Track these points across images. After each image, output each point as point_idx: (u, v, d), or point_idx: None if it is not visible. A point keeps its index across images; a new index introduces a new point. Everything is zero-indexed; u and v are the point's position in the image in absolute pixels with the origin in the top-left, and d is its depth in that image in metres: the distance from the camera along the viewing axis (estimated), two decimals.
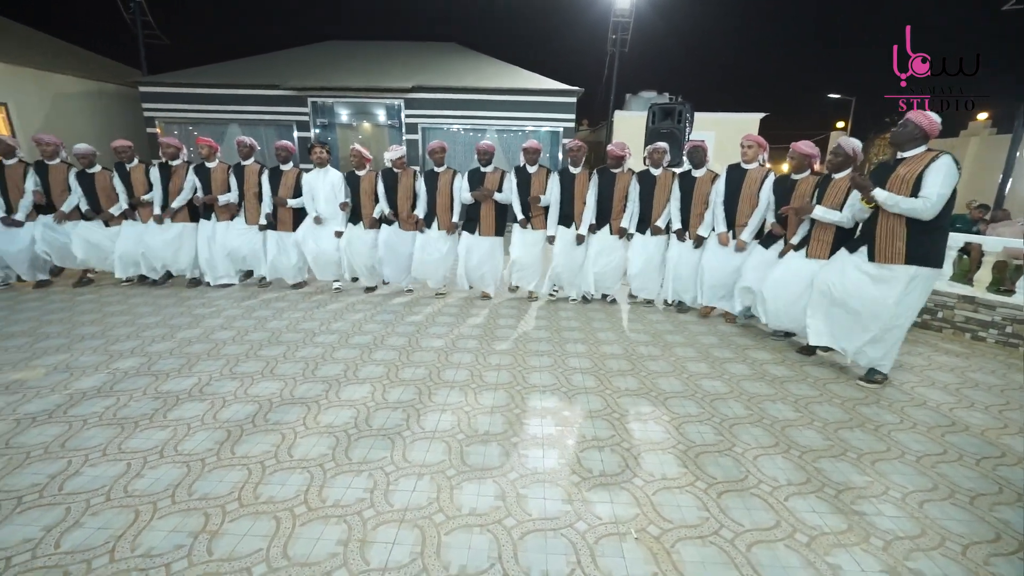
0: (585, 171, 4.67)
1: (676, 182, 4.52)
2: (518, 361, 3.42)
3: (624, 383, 3.11)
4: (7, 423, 2.49)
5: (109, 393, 2.83)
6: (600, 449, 2.35)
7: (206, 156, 4.86)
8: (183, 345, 3.57)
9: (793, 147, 3.82)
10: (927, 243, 2.89)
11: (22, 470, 2.11)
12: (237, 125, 10.46)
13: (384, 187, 4.81)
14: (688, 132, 5.43)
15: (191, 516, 1.85)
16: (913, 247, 2.90)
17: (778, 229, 3.90)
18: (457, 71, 11.37)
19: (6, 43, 9.48)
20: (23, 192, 4.74)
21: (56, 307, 4.43)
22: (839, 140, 3.50)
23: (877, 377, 3.14)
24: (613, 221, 4.67)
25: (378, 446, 2.33)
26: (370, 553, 1.69)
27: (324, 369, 3.21)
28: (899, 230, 2.93)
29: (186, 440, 2.37)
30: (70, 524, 1.80)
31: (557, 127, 10.61)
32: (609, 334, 4.05)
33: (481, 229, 4.80)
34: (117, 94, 10.96)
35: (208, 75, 10.70)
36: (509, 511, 1.91)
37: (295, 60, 11.80)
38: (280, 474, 2.11)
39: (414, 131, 10.46)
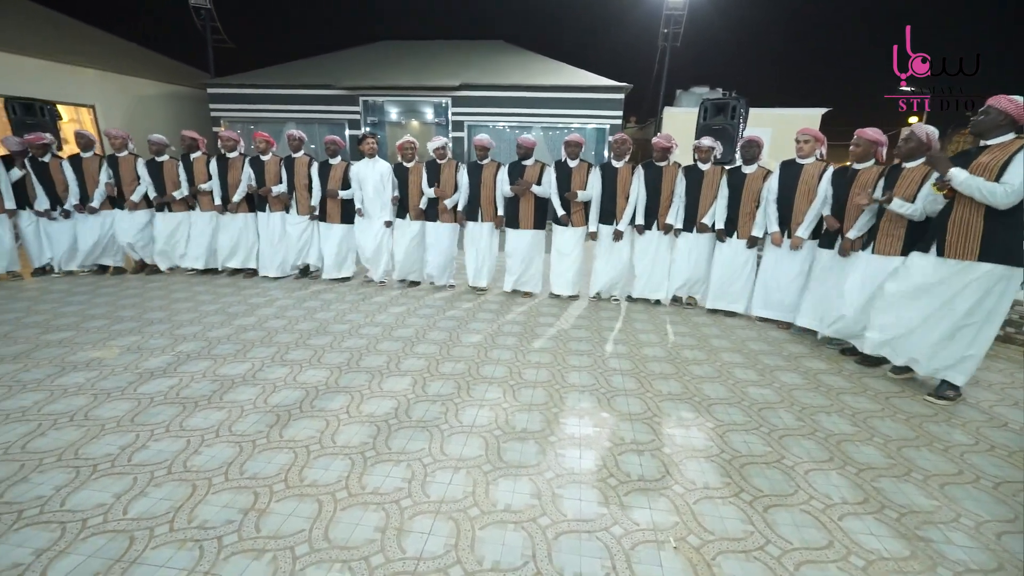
0: (628, 165, 4.57)
1: (725, 178, 4.34)
2: (557, 360, 3.40)
3: (666, 386, 3.02)
4: (86, 397, 2.72)
5: (173, 374, 3.03)
6: (639, 453, 2.29)
7: (262, 150, 5.11)
8: (239, 332, 3.78)
9: (858, 133, 3.55)
10: (1005, 238, 2.63)
11: (98, 440, 2.30)
12: (294, 123, 10.96)
13: (427, 177, 4.90)
14: (742, 129, 5.20)
15: (241, 494, 1.96)
16: (989, 242, 2.65)
17: (832, 222, 3.65)
18: (504, 69, 11.41)
19: (95, 51, 10.36)
20: (98, 183, 5.16)
21: (130, 292, 4.80)
22: (912, 126, 3.22)
23: (948, 393, 2.89)
24: (660, 217, 4.54)
25: (417, 437, 2.38)
26: (406, 542, 1.72)
27: (367, 360, 3.30)
28: (974, 222, 2.69)
29: (239, 422, 2.50)
30: (136, 493, 1.94)
31: (604, 124, 10.44)
32: (651, 336, 3.95)
33: (521, 223, 4.81)
34: (188, 95, 11.74)
35: (268, 76, 11.27)
36: (544, 510, 1.89)
37: (348, 61, 12.22)
38: (324, 459, 2.19)
39: (460, 128, 10.59)
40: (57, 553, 1.64)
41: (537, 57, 12.37)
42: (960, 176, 2.65)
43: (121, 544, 1.69)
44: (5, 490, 1.94)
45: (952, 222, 2.77)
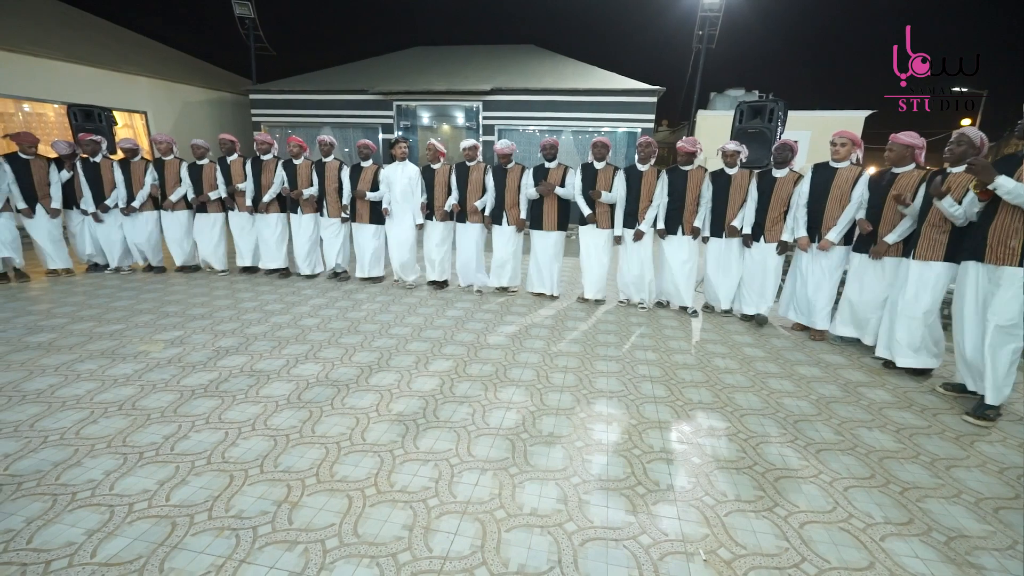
0: (654, 169, 4.52)
1: (754, 182, 4.23)
2: (585, 365, 3.37)
3: (697, 395, 2.95)
4: (134, 387, 2.86)
5: (213, 368, 3.16)
6: (668, 462, 2.25)
7: (295, 154, 5.28)
8: (275, 329, 3.90)
9: (893, 138, 3.41)
10: None
11: (144, 429, 2.42)
12: (329, 127, 11.28)
13: (456, 179, 4.97)
14: (780, 131, 5.05)
15: (275, 486, 2.02)
16: None
17: (865, 224, 3.51)
18: (535, 73, 11.44)
19: (148, 60, 10.95)
20: (144, 185, 5.43)
21: (175, 289, 5.03)
22: (963, 129, 3.07)
23: (988, 412, 2.72)
24: (686, 222, 4.46)
25: (444, 438, 2.40)
26: (433, 540, 1.74)
27: (397, 359, 3.36)
28: (1017, 227, 2.57)
29: (274, 416, 2.58)
30: (178, 481, 2.03)
31: (635, 128, 10.33)
32: (682, 343, 3.87)
33: (544, 225, 4.83)
34: (231, 101, 12.25)
35: (306, 82, 11.64)
36: (570, 516, 1.88)
37: (383, 66, 12.50)
38: (354, 455, 2.24)
39: (491, 132, 10.67)
40: (106, 535, 1.73)
41: (568, 61, 12.36)
42: (1008, 184, 2.53)
43: (164, 529, 1.76)
44: (61, 473, 2.06)
45: (993, 227, 2.68)
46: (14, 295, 4.71)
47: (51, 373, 3.02)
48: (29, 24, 9.06)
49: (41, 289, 4.95)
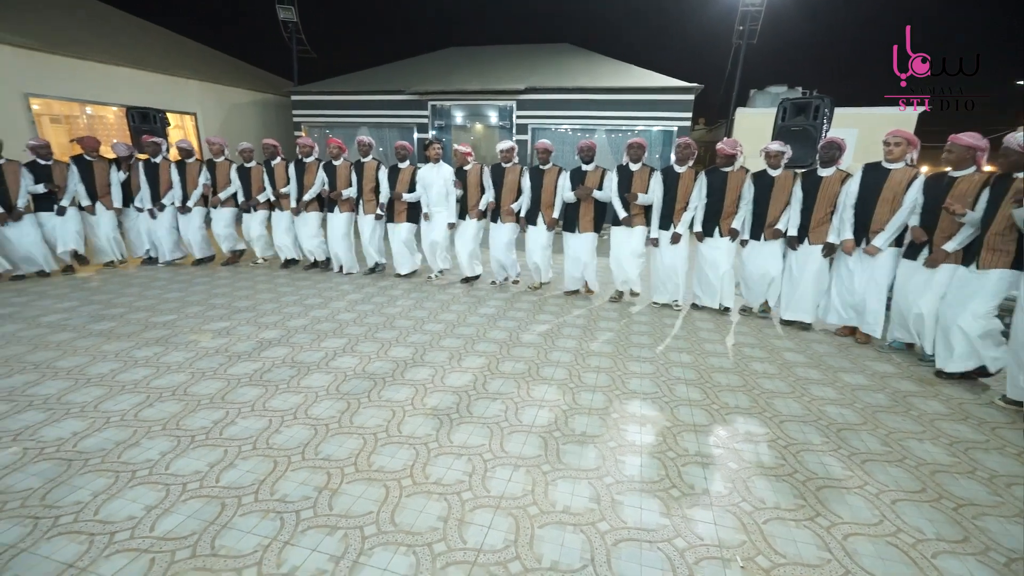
0: (691, 170, 4.42)
1: (798, 183, 4.08)
2: (617, 365, 3.34)
3: (733, 399, 2.89)
4: (185, 375, 3.02)
5: (257, 359, 3.30)
6: (704, 466, 2.21)
7: (335, 155, 5.44)
8: (314, 323, 4.04)
9: (952, 139, 3.22)
10: None
11: (195, 414, 2.55)
12: (366, 127, 11.54)
13: (492, 180, 5.02)
14: (825, 130, 4.85)
15: (316, 473, 2.09)
16: None
17: (920, 234, 3.33)
18: (569, 71, 11.38)
19: (198, 64, 11.49)
20: (198, 184, 5.72)
21: (221, 282, 5.27)
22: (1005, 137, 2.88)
23: None
24: (723, 222, 4.35)
25: (478, 433, 2.43)
26: (467, 533, 1.77)
27: (431, 355, 3.42)
28: None
29: (314, 406, 2.67)
30: (226, 464, 2.14)
31: (671, 126, 10.13)
32: (718, 346, 3.78)
33: (580, 227, 4.80)
34: (274, 102, 12.70)
35: (344, 83, 11.95)
36: (603, 515, 1.88)
37: (418, 67, 12.69)
38: (390, 447, 2.30)
39: (524, 131, 10.68)
40: (163, 511, 1.84)
41: (603, 59, 12.23)
42: None
43: (214, 509, 1.86)
44: (122, 452, 2.21)
45: None
46: (79, 285, 5.03)
47: (111, 359, 3.22)
48: (93, 32, 9.66)
49: (101, 280, 5.28)
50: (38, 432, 2.35)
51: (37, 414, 2.52)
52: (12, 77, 7.37)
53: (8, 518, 1.79)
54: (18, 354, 3.27)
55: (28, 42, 7.54)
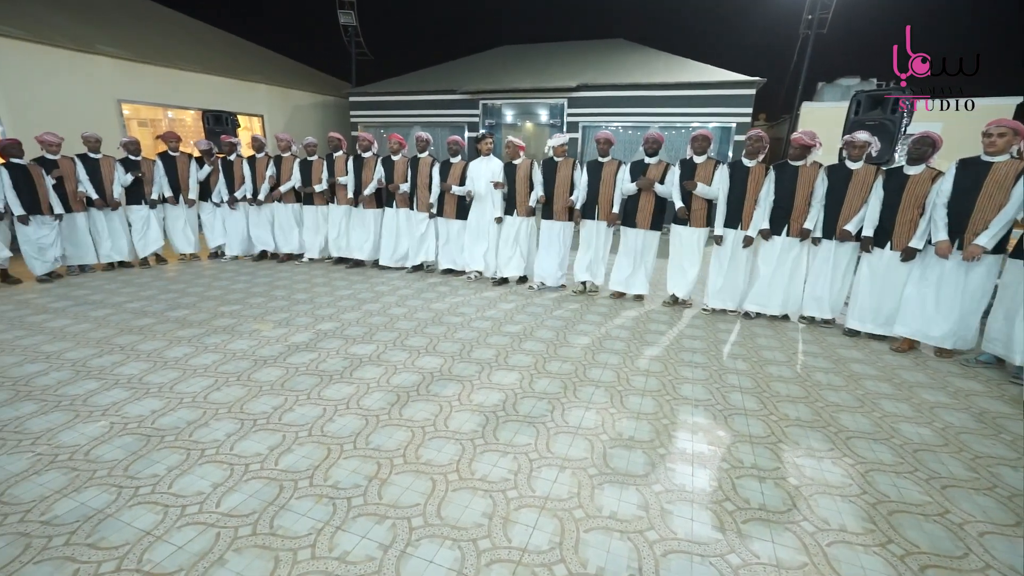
0: (762, 165, 4.18)
1: (879, 180, 3.77)
2: (668, 370, 3.24)
3: (794, 411, 2.72)
4: (248, 362, 3.21)
5: (313, 349, 3.45)
6: (761, 480, 2.09)
7: (395, 150, 5.59)
8: (367, 316, 4.18)
9: None
10: None
11: (257, 400, 2.70)
12: (419, 126, 11.82)
13: (543, 175, 4.97)
14: (906, 124, 4.47)
15: (367, 462, 2.16)
16: None
17: None
18: (623, 67, 11.14)
19: (265, 68, 12.18)
20: (264, 179, 6.05)
21: (282, 276, 5.56)
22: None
23: None
24: (793, 222, 4.10)
25: (523, 432, 2.43)
26: (512, 531, 1.76)
27: (478, 352, 3.45)
28: None
29: (366, 397, 2.76)
30: (284, 449, 2.25)
31: (729, 122, 9.69)
32: (777, 354, 3.58)
33: (638, 222, 4.66)
34: (333, 103, 13.26)
35: (399, 84, 12.29)
36: (652, 524, 1.82)
37: (470, 66, 12.84)
38: (437, 441, 2.34)
39: (575, 129, 10.57)
40: (227, 489, 1.96)
41: (658, 54, 11.88)
42: None
43: (273, 490, 1.96)
44: (193, 431, 2.37)
45: None
46: (158, 275, 5.47)
47: (185, 344, 3.48)
48: (175, 42, 10.45)
49: (177, 271, 5.70)
50: (122, 409, 2.57)
51: (122, 392, 2.75)
52: (108, 85, 8.11)
53: (98, 485, 1.97)
54: (108, 336, 3.59)
55: (122, 53, 8.26)
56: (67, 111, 7.44)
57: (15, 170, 4.72)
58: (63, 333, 3.64)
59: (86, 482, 1.99)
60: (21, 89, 7.02)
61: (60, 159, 5.11)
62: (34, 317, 3.98)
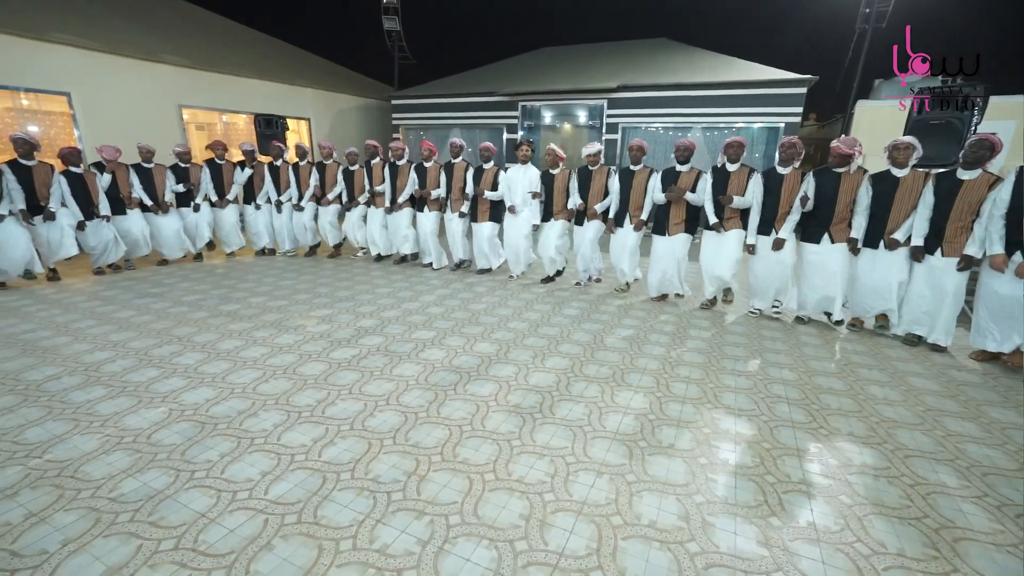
0: (797, 172, 4.03)
1: (930, 186, 3.55)
2: (710, 377, 3.14)
3: (846, 425, 2.59)
4: (294, 355, 3.33)
5: (355, 345, 3.54)
6: (810, 496, 2.00)
7: (425, 157, 5.69)
8: (406, 314, 4.26)
9: None
10: None
11: (302, 392, 2.80)
12: (458, 128, 11.97)
13: (578, 183, 4.96)
14: (976, 122, 4.16)
15: (406, 458, 2.20)
16: None
17: None
18: (665, 67, 10.91)
19: (312, 73, 12.64)
20: (309, 185, 6.29)
21: (325, 273, 5.75)
22: None
23: None
24: (834, 229, 3.91)
25: (560, 435, 2.41)
26: (548, 534, 1.76)
27: (515, 353, 3.45)
28: None
29: (405, 394, 2.82)
30: (327, 442, 2.32)
31: (777, 123, 9.31)
32: (827, 364, 3.41)
33: (669, 229, 4.58)
34: (376, 107, 13.61)
35: (440, 87, 12.48)
36: (692, 535, 1.77)
37: (510, 68, 12.90)
38: (474, 440, 2.35)
39: (614, 131, 10.43)
40: (275, 478, 2.04)
41: (702, 52, 11.56)
42: None
43: (317, 481, 2.03)
44: (243, 420, 2.48)
45: None
46: (211, 271, 5.77)
47: (236, 337, 3.65)
48: (230, 49, 11.00)
49: (226, 268, 6.00)
50: (180, 396, 2.73)
51: (179, 380, 2.92)
52: (169, 91, 8.62)
53: (158, 467, 2.09)
54: (167, 327, 3.81)
55: (182, 61, 8.77)
56: (133, 116, 7.96)
57: (72, 178, 5.06)
58: (128, 324, 3.89)
59: (148, 464, 2.11)
60: (95, 96, 7.56)
61: (116, 166, 5.44)
62: (103, 308, 4.27)
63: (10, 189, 4.64)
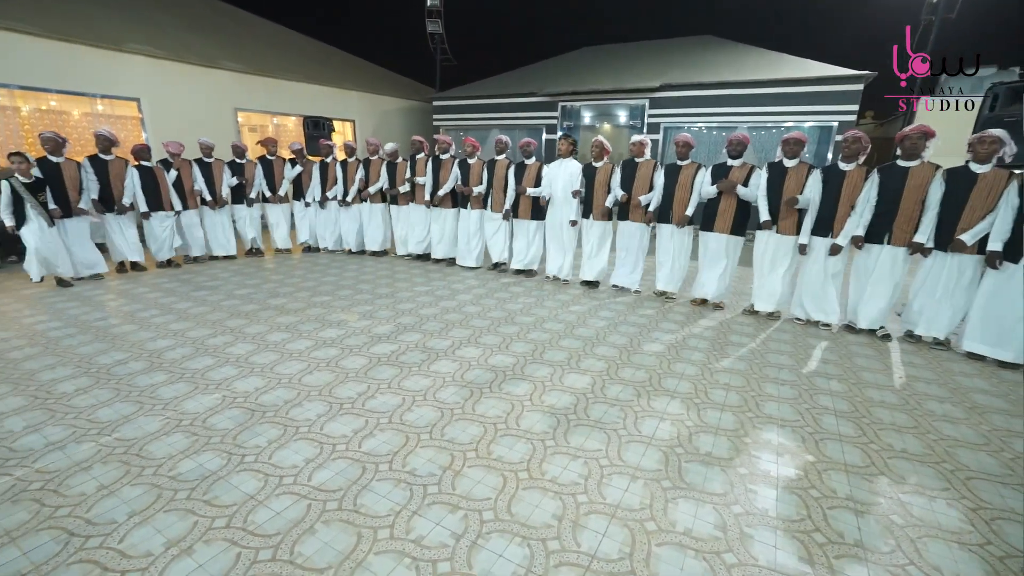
0: (861, 169, 3.80)
1: (1014, 186, 3.28)
2: (751, 385, 3.04)
3: (900, 441, 2.45)
4: (336, 349, 3.46)
5: (394, 341, 3.64)
6: (858, 514, 1.91)
7: (469, 153, 5.76)
8: (443, 312, 4.34)
9: None
10: None
11: (343, 385, 2.91)
12: (498, 129, 12.05)
13: (621, 176, 4.87)
14: None
15: (442, 453, 2.25)
16: None
17: None
18: (710, 65, 10.61)
19: (357, 76, 13.06)
20: (355, 182, 6.50)
21: (367, 270, 5.93)
22: None
23: None
24: (897, 229, 3.68)
25: (594, 437, 2.40)
26: (581, 536, 1.76)
27: (550, 354, 3.46)
28: None
29: (441, 390, 2.87)
30: (367, 433, 2.40)
31: (829, 121, 8.88)
32: (879, 376, 3.24)
33: (716, 226, 4.42)
34: (418, 108, 13.91)
35: (481, 88, 12.61)
36: (730, 546, 1.73)
37: (551, 68, 12.88)
38: (508, 439, 2.38)
39: (656, 131, 10.23)
40: (317, 465, 2.13)
41: (749, 49, 11.16)
42: None
43: (357, 470, 2.10)
44: (289, 409, 2.60)
45: None
46: (261, 266, 6.06)
47: (283, 330, 3.82)
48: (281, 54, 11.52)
49: (275, 264, 6.28)
50: (232, 384, 2.89)
51: (231, 369, 3.09)
52: (226, 95, 9.12)
53: (212, 450, 2.23)
54: (220, 319, 4.04)
55: (238, 67, 9.26)
56: (193, 119, 8.47)
57: (143, 172, 5.47)
58: (186, 314, 4.14)
59: (203, 446, 2.25)
60: (161, 101, 8.09)
61: (180, 161, 5.84)
62: (165, 299, 4.57)
63: (88, 181, 5.06)
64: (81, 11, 7.81)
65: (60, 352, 3.31)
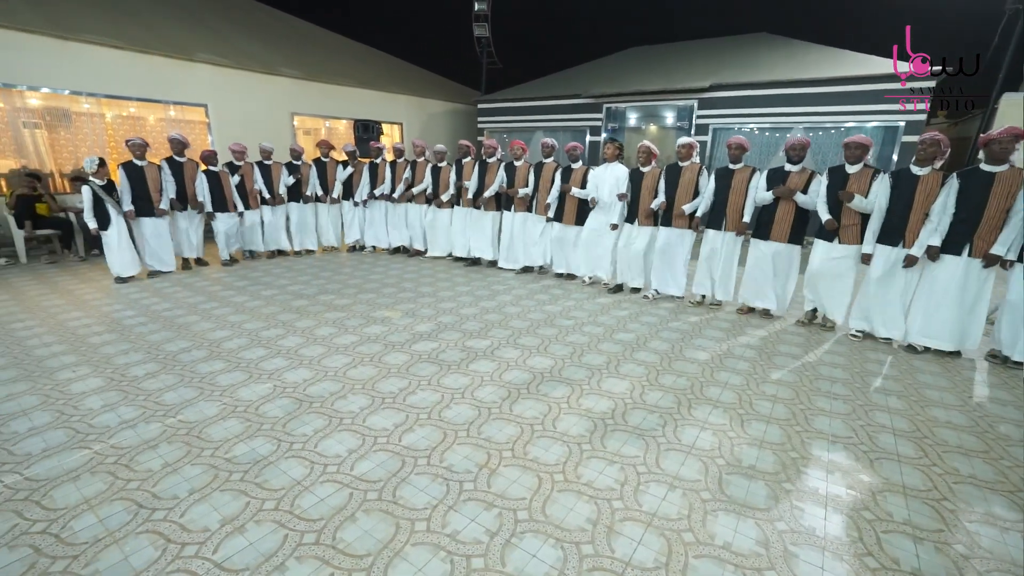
0: (937, 173, 3.54)
1: None
2: (800, 398, 2.91)
3: (967, 466, 2.27)
4: (379, 345, 3.57)
5: (434, 339, 3.72)
6: (917, 541, 1.79)
7: (516, 156, 5.80)
8: (483, 312, 4.39)
9: None
10: None
11: (385, 380, 3.01)
12: (542, 131, 12.07)
13: (665, 181, 4.77)
14: None
15: (478, 451, 2.28)
16: None
17: None
18: (763, 63, 10.19)
19: (404, 80, 13.44)
20: (402, 181, 6.69)
21: (410, 270, 6.09)
22: None
23: None
24: (978, 239, 3.40)
25: (632, 443, 2.37)
26: (616, 542, 1.74)
27: (588, 357, 3.43)
28: None
29: (479, 389, 2.92)
30: (406, 428, 2.47)
31: (896, 121, 8.32)
32: (946, 395, 3.01)
33: (772, 234, 4.23)
34: (463, 111, 14.15)
35: (525, 91, 12.67)
36: (772, 564, 1.66)
37: (596, 70, 12.77)
38: (544, 440, 2.38)
39: (704, 132, 9.94)
40: (359, 456, 2.21)
41: (806, 46, 10.64)
42: None
43: (396, 463, 2.17)
44: (334, 401, 2.72)
45: None
46: (311, 263, 6.34)
47: (330, 325, 3.99)
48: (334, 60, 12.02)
49: (324, 261, 6.55)
50: (282, 375, 3.04)
51: (282, 361, 3.26)
52: (284, 100, 9.62)
53: (264, 436, 2.36)
54: (273, 313, 4.26)
55: (295, 73, 9.74)
56: (254, 123, 8.97)
57: (210, 176, 5.85)
58: (243, 307, 4.40)
59: (255, 432, 2.39)
60: (225, 106, 8.63)
61: (243, 164, 6.21)
62: (224, 292, 4.88)
63: (165, 182, 5.48)
64: (154, 23, 8.45)
65: (133, 339, 3.60)
